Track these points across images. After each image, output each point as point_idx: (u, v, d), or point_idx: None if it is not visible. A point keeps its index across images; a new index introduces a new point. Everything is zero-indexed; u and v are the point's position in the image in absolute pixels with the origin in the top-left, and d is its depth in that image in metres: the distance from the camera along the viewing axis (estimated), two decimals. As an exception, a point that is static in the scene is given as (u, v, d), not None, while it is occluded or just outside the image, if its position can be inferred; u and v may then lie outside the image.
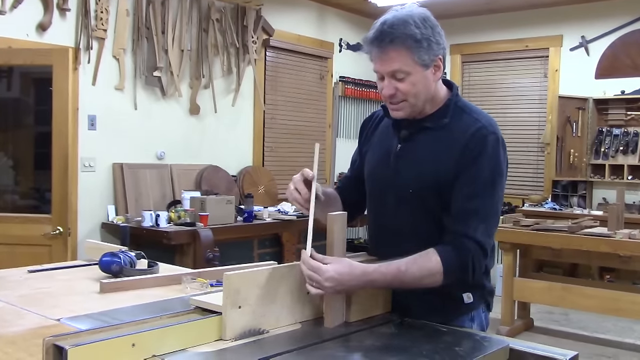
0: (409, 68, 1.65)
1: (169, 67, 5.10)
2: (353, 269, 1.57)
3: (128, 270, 2.08)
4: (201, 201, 4.67)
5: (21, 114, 4.56)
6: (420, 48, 1.64)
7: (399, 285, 1.63)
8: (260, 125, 6.08)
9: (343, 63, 6.97)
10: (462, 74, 7.44)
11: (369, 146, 1.92)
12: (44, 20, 4.30)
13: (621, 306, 4.56)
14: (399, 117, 1.75)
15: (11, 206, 4.31)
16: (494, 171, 1.67)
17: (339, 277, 1.54)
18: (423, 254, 1.63)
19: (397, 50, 1.64)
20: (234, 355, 1.38)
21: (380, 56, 1.67)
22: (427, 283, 1.62)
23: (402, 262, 1.61)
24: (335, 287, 1.54)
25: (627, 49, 6.33)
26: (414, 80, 1.67)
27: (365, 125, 1.98)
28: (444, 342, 1.51)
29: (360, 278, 1.57)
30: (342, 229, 1.65)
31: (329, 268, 1.54)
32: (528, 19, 6.91)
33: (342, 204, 1.89)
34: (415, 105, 1.71)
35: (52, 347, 1.20)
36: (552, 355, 1.48)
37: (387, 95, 1.70)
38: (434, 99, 1.75)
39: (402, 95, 1.68)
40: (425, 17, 1.67)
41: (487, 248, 1.66)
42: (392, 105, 1.73)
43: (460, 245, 1.64)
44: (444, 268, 1.61)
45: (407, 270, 1.60)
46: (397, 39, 1.63)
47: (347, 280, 1.55)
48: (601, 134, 6.47)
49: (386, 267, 1.60)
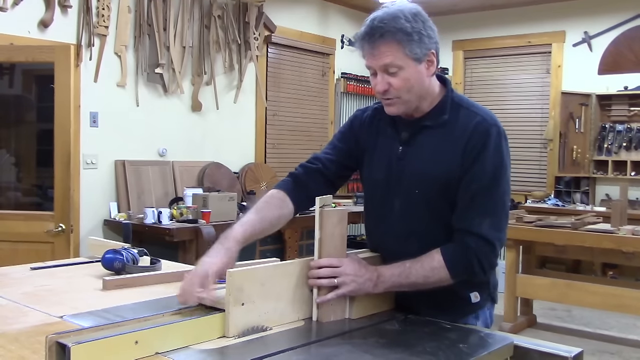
0: (401, 62, 1.63)
1: (171, 64, 5.10)
2: (364, 265, 1.64)
3: (131, 267, 2.07)
4: (203, 198, 4.67)
5: (23, 111, 4.56)
6: (412, 41, 1.62)
7: (405, 281, 1.63)
8: (262, 121, 6.07)
9: (345, 59, 6.96)
10: (465, 70, 7.41)
11: (365, 147, 1.86)
12: (46, 17, 4.30)
13: (624, 302, 4.55)
14: (393, 114, 1.72)
15: (14, 203, 4.31)
16: (497, 164, 1.65)
17: (356, 271, 1.60)
18: (427, 254, 1.64)
19: (388, 44, 1.62)
20: (237, 353, 1.37)
21: (371, 51, 1.65)
22: (434, 281, 1.63)
23: (406, 261, 1.64)
24: (355, 280, 1.59)
25: (630, 45, 6.31)
26: (407, 75, 1.65)
27: (357, 118, 1.92)
28: (448, 339, 1.51)
29: (372, 272, 1.63)
30: (341, 226, 1.64)
31: (346, 262, 1.61)
32: (530, 14, 6.89)
33: (324, 178, 1.87)
34: (409, 101, 1.69)
35: (55, 345, 1.20)
36: (557, 352, 1.47)
37: (381, 91, 1.67)
38: (429, 95, 1.72)
39: (395, 90, 1.66)
40: (416, 12, 1.65)
41: (494, 242, 1.64)
42: (386, 101, 1.71)
43: (463, 243, 1.64)
44: (448, 266, 1.62)
45: (411, 267, 1.62)
46: (387, 33, 1.61)
47: (362, 274, 1.61)
48: (604, 130, 6.45)
49: (392, 265, 1.65)
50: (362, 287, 1.61)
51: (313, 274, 1.59)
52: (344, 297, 1.61)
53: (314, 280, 1.59)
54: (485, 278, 1.73)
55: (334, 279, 1.58)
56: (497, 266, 1.73)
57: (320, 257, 1.61)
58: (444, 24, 6.90)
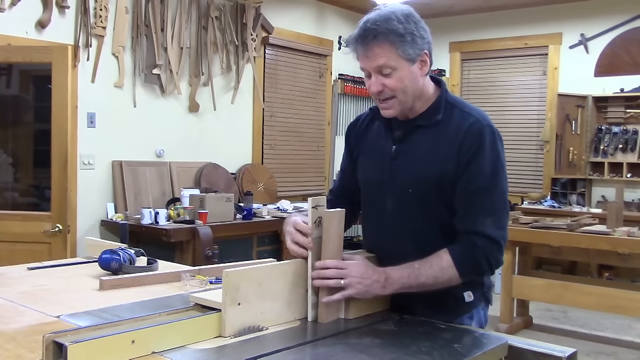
0: (395, 63, 1.65)
1: (168, 65, 5.10)
2: (371, 267, 1.65)
3: (127, 267, 2.08)
4: (200, 199, 4.67)
5: (20, 111, 4.56)
6: (404, 42, 1.64)
7: (415, 282, 1.63)
8: (259, 122, 6.08)
9: (342, 61, 6.96)
10: (462, 71, 7.42)
11: (359, 151, 1.89)
12: (43, 18, 4.30)
13: (620, 304, 4.56)
14: (389, 116, 1.73)
15: (11, 203, 4.30)
16: (494, 163, 1.67)
17: (362, 273, 1.61)
18: (435, 254, 1.65)
19: (381, 46, 1.64)
20: (233, 352, 1.38)
21: (365, 53, 1.67)
22: (443, 282, 1.65)
23: (414, 262, 1.65)
24: (362, 282, 1.60)
25: (626, 47, 6.33)
26: (401, 76, 1.66)
27: (351, 130, 1.95)
28: (443, 339, 1.52)
29: (380, 274, 1.63)
30: (339, 227, 1.65)
31: (352, 264, 1.62)
32: (527, 16, 6.91)
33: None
34: (405, 101, 1.70)
35: (52, 344, 1.21)
36: (551, 352, 1.48)
37: (375, 92, 1.69)
38: (423, 95, 1.73)
39: (390, 91, 1.67)
40: (408, 13, 1.67)
41: (499, 240, 1.66)
42: (382, 104, 1.72)
43: (470, 242, 1.65)
44: (457, 265, 1.63)
45: (420, 267, 1.63)
46: (380, 35, 1.63)
47: (369, 276, 1.61)
48: (600, 132, 6.47)
49: (400, 266, 1.65)
50: (369, 289, 1.61)
51: (320, 274, 1.60)
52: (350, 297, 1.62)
53: (320, 280, 1.59)
54: (490, 275, 1.76)
55: (340, 280, 1.59)
56: (502, 264, 1.75)
57: (320, 258, 1.62)
58: (440, 25, 6.92)
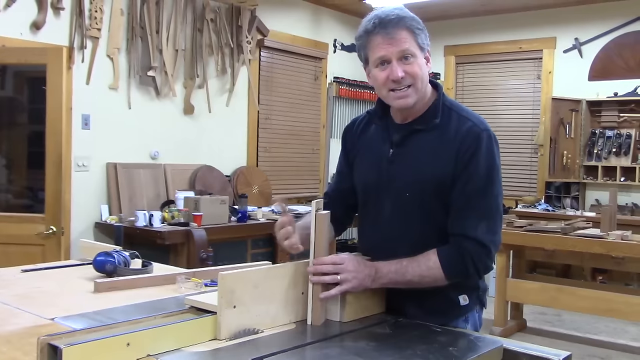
0: (415, 50, 1.68)
1: (163, 67, 5.09)
2: (363, 262, 1.67)
3: (122, 269, 2.08)
4: (195, 201, 4.66)
5: (15, 112, 4.54)
6: (421, 31, 1.70)
7: (402, 278, 1.65)
8: (254, 125, 6.07)
9: (337, 64, 6.97)
10: (456, 75, 7.44)
11: (356, 153, 1.88)
12: (38, 19, 4.29)
13: (614, 307, 4.58)
14: (405, 105, 1.70)
15: (4, 205, 4.28)
16: (490, 168, 1.67)
17: (356, 267, 1.63)
18: (424, 254, 1.66)
19: (405, 31, 1.67)
20: (228, 355, 1.38)
21: (387, 39, 1.66)
22: (428, 281, 1.66)
23: (403, 259, 1.67)
24: (357, 277, 1.61)
25: (620, 51, 6.36)
26: (420, 63, 1.69)
27: (348, 132, 1.94)
28: (438, 342, 1.52)
29: (370, 268, 1.65)
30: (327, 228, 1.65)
31: (347, 259, 1.64)
32: (522, 20, 6.93)
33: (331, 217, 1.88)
34: (421, 91, 1.71)
35: (46, 347, 1.20)
36: (546, 355, 1.49)
37: (398, 78, 1.66)
38: (425, 95, 1.74)
39: (411, 78, 1.67)
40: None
41: (490, 246, 1.66)
42: (399, 92, 1.69)
43: (459, 246, 1.65)
44: (443, 267, 1.64)
45: (408, 265, 1.65)
46: (402, 21, 1.67)
47: (361, 270, 1.63)
48: (594, 136, 6.49)
49: (389, 262, 1.67)
50: (362, 282, 1.63)
51: (317, 269, 1.61)
52: (342, 294, 1.62)
53: (317, 277, 1.61)
54: (479, 280, 1.76)
55: (336, 276, 1.60)
56: (492, 269, 1.75)
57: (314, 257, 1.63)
58: (435, 29, 6.92)
